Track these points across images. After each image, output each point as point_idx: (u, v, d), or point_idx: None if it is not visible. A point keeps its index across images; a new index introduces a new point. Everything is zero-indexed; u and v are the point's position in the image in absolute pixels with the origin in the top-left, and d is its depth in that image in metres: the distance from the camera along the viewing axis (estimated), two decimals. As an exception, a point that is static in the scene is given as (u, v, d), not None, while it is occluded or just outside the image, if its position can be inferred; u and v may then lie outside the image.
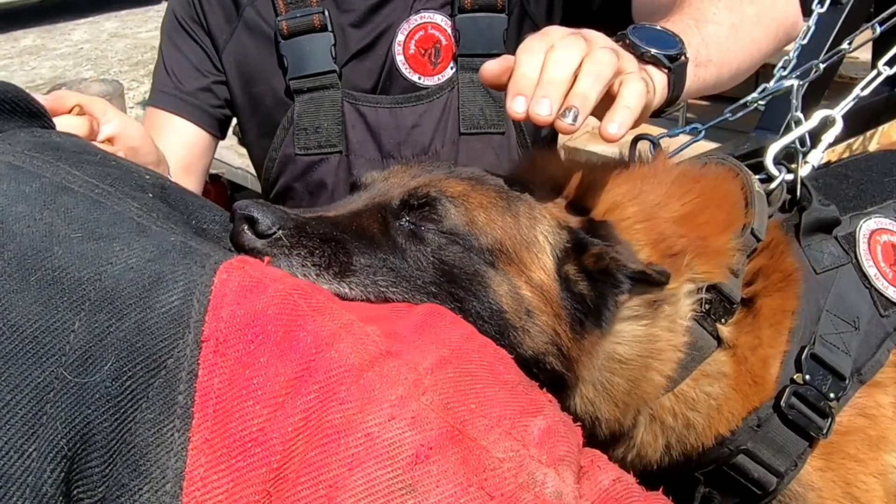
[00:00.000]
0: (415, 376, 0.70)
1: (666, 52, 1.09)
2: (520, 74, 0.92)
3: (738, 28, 1.26)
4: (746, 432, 1.13)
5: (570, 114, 0.90)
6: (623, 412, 1.07)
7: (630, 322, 1.03)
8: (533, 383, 0.82)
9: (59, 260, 0.72)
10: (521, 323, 0.96)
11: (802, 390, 1.12)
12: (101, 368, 0.68)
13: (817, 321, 1.17)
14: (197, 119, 1.72)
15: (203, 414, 0.68)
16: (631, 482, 0.75)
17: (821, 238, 1.24)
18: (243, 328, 0.71)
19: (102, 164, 0.87)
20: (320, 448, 0.66)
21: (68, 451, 0.66)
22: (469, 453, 0.67)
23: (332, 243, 0.93)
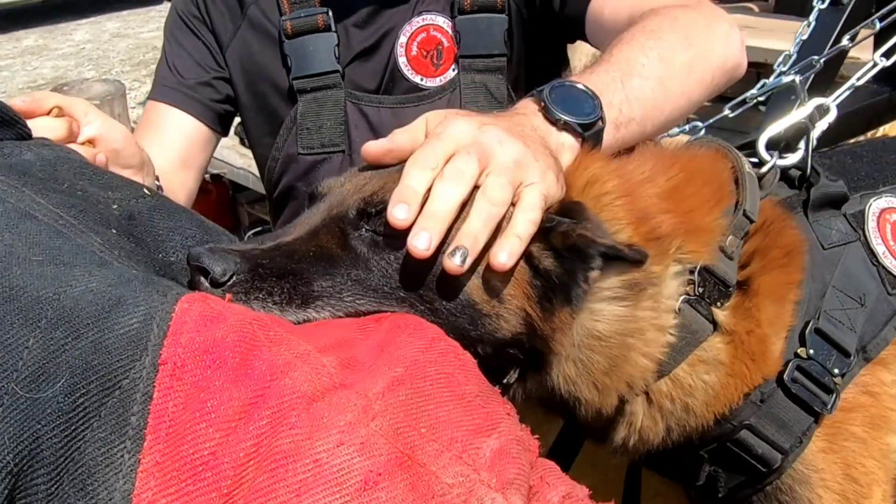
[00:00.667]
0: (364, 402, 0.71)
1: (581, 121, 1.08)
2: (405, 185, 0.92)
3: (665, 81, 1.25)
4: (749, 407, 1.13)
5: (458, 254, 0.89)
6: (603, 394, 1.06)
7: (610, 302, 1.03)
8: (493, 392, 0.82)
9: (18, 279, 0.72)
10: (493, 310, 0.96)
11: (806, 365, 1.12)
12: (55, 385, 0.68)
13: (822, 296, 1.17)
14: (196, 112, 1.74)
15: (155, 436, 0.68)
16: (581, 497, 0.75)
17: (829, 214, 1.25)
18: (201, 354, 0.71)
19: (69, 194, 0.88)
20: (269, 473, 0.67)
21: (14, 467, 0.66)
22: (418, 479, 0.67)
23: (289, 277, 0.93)
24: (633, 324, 1.04)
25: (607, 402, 1.09)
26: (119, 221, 0.90)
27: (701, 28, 1.35)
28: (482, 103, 1.68)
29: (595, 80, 1.16)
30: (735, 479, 1.17)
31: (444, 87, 1.71)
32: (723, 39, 1.38)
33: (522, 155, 0.96)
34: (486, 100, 1.69)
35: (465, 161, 0.93)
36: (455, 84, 1.70)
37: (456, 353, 0.84)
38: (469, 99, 1.68)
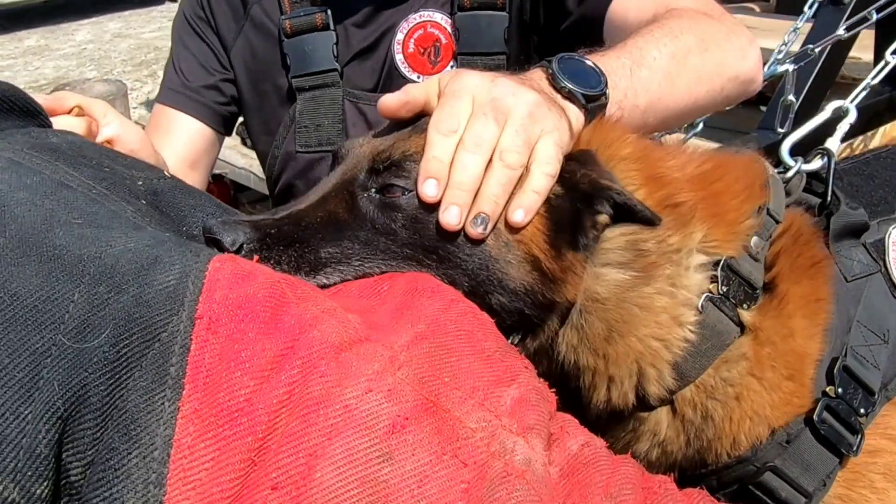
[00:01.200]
0: (390, 353, 0.75)
1: (585, 91, 1.10)
2: (431, 157, 0.96)
3: (673, 78, 1.27)
4: (774, 448, 1.09)
5: (479, 221, 0.94)
6: (605, 363, 1.05)
7: (613, 266, 1.02)
8: (511, 349, 0.86)
9: (61, 239, 0.77)
10: (501, 254, 0.98)
11: (834, 404, 1.09)
12: (99, 335, 0.72)
13: (848, 331, 1.15)
14: (202, 116, 1.78)
15: (193, 385, 0.73)
16: (599, 446, 0.79)
17: (850, 244, 1.23)
18: (235, 309, 0.76)
19: (98, 169, 0.93)
20: (301, 418, 0.71)
21: (63, 412, 0.71)
22: (443, 424, 0.72)
23: (296, 245, 0.97)
24: (636, 295, 1.03)
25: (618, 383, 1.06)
26: (146, 195, 0.95)
27: (720, 37, 1.38)
28: None
29: (605, 61, 1.18)
30: None
31: None
32: (739, 52, 1.40)
33: (536, 104, 1.00)
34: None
35: (483, 125, 0.96)
36: None
37: (474, 313, 0.88)
38: None
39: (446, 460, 0.69)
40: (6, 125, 0.95)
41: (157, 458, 0.71)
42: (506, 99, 0.99)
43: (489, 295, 0.99)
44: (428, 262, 0.98)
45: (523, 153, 0.97)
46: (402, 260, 0.98)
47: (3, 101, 0.96)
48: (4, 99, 0.96)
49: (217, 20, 1.81)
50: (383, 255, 0.98)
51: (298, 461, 0.70)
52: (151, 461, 0.71)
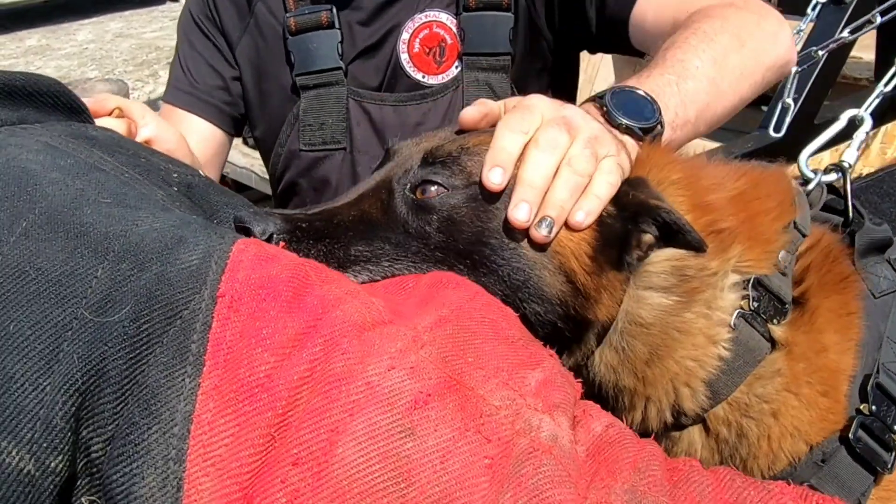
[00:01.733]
0: (413, 333, 0.75)
1: (641, 125, 1.11)
2: (499, 147, 0.97)
3: (718, 82, 1.28)
4: (810, 468, 1.09)
5: (544, 224, 0.95)
6: (644, 385, 1.05)
7: (656, 290, 1.03)
8: (534, 339, 0.85)
9: (88, 217, 0.77)
10: (538, 259, 0.97)
11: (868, 422, 1.09)
12: (121, 311, 0.73)
13: (879, 348, 1.14)
14: (212, 117, 1.79)
15: (214, 362, 0.73)
16: (623, 427, 0.79)
17: (875, 261, 1.22)
18: (257, 288, 0.76)
19: (133, 157, 0.95)
20: (323, 395, 0.71)
21: (82, 385, 0.71)
22: (466, 401, 0.71)
23: (325, 240, 0.97)
24: (678, 319, 1.03)
25: (656, 402, 1.07)
26: (180, 186, 0.96)
27: (752, 28, 1.38)
28: None
29: (651, 83, 1.19)
30: None
31: (446, 84, 1.72)
32: (772, 38, 1.41)
33: (601, 131, 1.02)
34: (490, 98, 1.70)
35: (557, 131, 0.98)
36: (458, 82, 1.71)
37: (499, 305, 0.87)
38: (471, 98, 1.68)
39: (469, 436, 0.69)
40: (49, 119, 0.97)
41: (177, 433, 0.71)
42: (575, 119, 1.01)
43: (524, 303, 0.98)
44: (460, 267, 0.97)
45: (591, 163, 0.98)
46: (432, 263, 0.97)
47: (49, 96, 0.98)
48: (50, 94, 0.98)
49: (223, 19, 1.81)
50: (413, 258, 0.98)
51: (320, 437, 0.69)
52: (171, 437, 0.71)
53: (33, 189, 0.80)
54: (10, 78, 0.96)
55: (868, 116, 1.41)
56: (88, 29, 9.04)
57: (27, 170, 0.82)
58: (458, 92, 1.72)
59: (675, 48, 1.30)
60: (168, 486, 0.70)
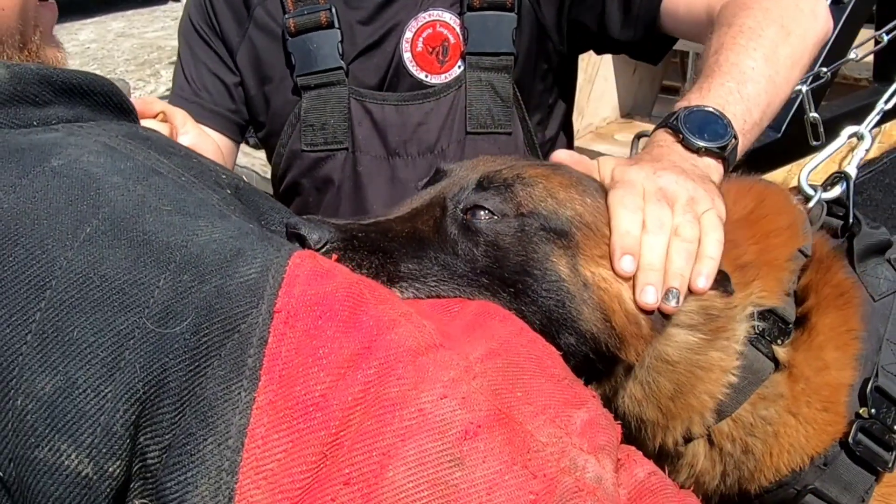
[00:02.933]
0: (466, 363, 0.78)
1: (719, 145, 1.18)
2: (623, 231, 1.04)
3: (774, 78, 1.33)
4: (814, 471, 1.15)
5: (672, 297, 1.03)
6: (667, 419, 1.11)
7: (684, 329, 1.07)
8: (578, 379, 0.89)
9: (150, 225, 0.79)
10: (579, 293, 1.02)
11: (868, 424, 1.14)
12: (182, 322, 0.75)
13: (878, 351, 1.19)
14: (218, 125, 1.81)
15: (269, 377, 0.75)
16: (664, 477, 0.82)
17: (875, 262, 1.27)
18: (313, 305, 0.78)
19: (186, 158, 0.96)
20: (376, 419, 0.73)
21: (143, 395, 0.73)
22: (514, 435, 0.73)
23: (378, 254, 1.00)
24: (702, 357, 1.09)
25: (672, 431, 1.12)
26: (230, 187, 0.98)
27: (793, 11, 1.42)
28: (487, 101, 1.73)
29: (714, 96, 1.24)
30: None
31: (449, 84, 1.75)
32: (811, 16, 1.45)
33: (695, 190, 1.09)
34: (492, 98, 1.73)
35: (660, 209, 1.05)
36: (461, 81, 1.74)
37: (543, 343, 0.90)
38: (474, 97, 1.73)
39: (516, 470, 0.71)
40: (101, 117, 0.98)
41: (231, 445, 0.73)
42: (669, 187, 1.08)
43: (560, 334, 1.02)
44: (504, 295, 1.01)
45: (695, 227, 1.05)
46: (477, 288, 1.01)
47: (100, 94, 0.99)
48: (103, 93, 1.00)
49: (222, 25, 1.83)
50: (460, 280, 1.01)
51: (371, 459, 0.72)
52: (226, 449, 0.73)
53: (96, 193, 0.82)
54: (69, 76, 0.98)
55: (868, 133, 1.45)
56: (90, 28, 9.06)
57: (89, 172, 0.84)
58: (461, 91, 1.74)
59: (726, 51, 1.33)
60: (220, 495, 0.73)
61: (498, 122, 1.76)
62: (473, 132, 1.75)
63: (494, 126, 1.76)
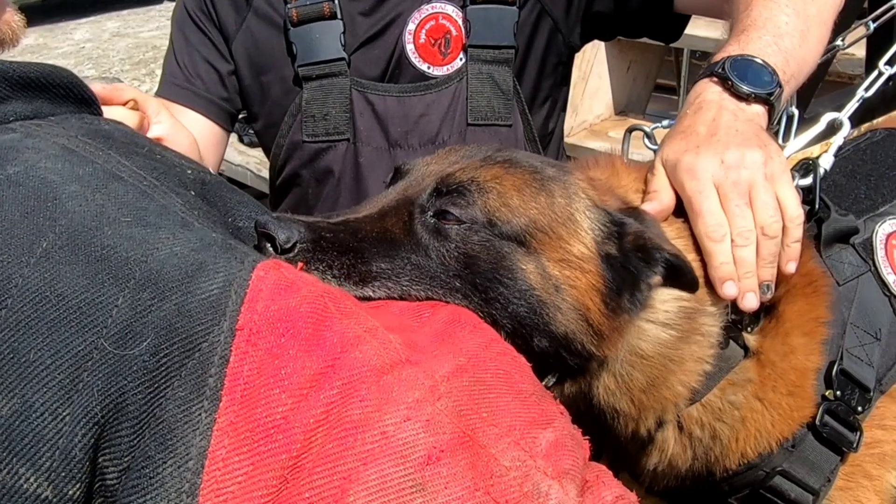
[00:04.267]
0: (431, 382, 0.78)
1: (767, 91, 1.22)
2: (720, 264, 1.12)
3: (806, 34, 1.36)
4: (782, 454, 1.19)
5: (766, 290, 1.14)
6: (639, 410, 1.14)
7: (659, 326, 1.10)
8: (547, 393, 0.89)
9: (109, 239, 0.78)
10: (550, 299, 1.03)
11: (834, 406, 1.19)
12: (140, 343, 0.74)
13: (843, 334, 1.24)
14: (209, 112, 1.81)
15: (231, 398, 0.75)
16: (633, 500, 0.83)
17: (839, 248, 1.31)
18: (276, 322, 0.78)
19: (149, 157, 0.94)
20: (338, 441, 0.73)
21: (101, 418, 0.73)
22: (478, 459, 0.73)
23: (350, 254, 1.00)
24: (676, 352, 1.12)
25: (644, 421, 1.15)
26: (195, 184, 0.96)
27: None
28: (488, 94, 1.74)
29: (752, 47, 1.28)
30: None
31: (450, 76, 1.76)
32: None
33: (763, 162, 1.15)
34: (493, 91, 1.75)
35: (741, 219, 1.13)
36: (462, 73, 1.75)
37: (513, 355, 0.89)
38: (475, 89, 1.74)
39: (478, 496, 0.71)
40: (61, 111, 0.96)
41: (191, 468, 0.73)
42: (743, 176, 1.14)
43: (532, 338, 1.03)
44: (474, 299, 1.01)
45: (777, 217, 1.13)
46: (448, 290, 1.01)
47: (60, 87, 0.97)
48: (62, 85, 0.97)
49: (219, 13, 1.83)
50: (431, 282, 1.01)
51: (332, 484, 0.72)
52: (186, 471, 0.73)
53: (53, 204, 0.80)
54: (27, 69, 0.95)
55: (847, 120, 1.46)
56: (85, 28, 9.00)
57: (46, 181, 0.82)
58: (462, 84, 1.75)
59: (758, 6, 1.36)
60: (180, 518, 0.73)
61: (498, 114, 1.77)
62: (474, 124, 1.77)
63: (495, 118, 1.78)
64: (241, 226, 0.99)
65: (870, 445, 1.24)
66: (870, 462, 1.25)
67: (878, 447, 1.25)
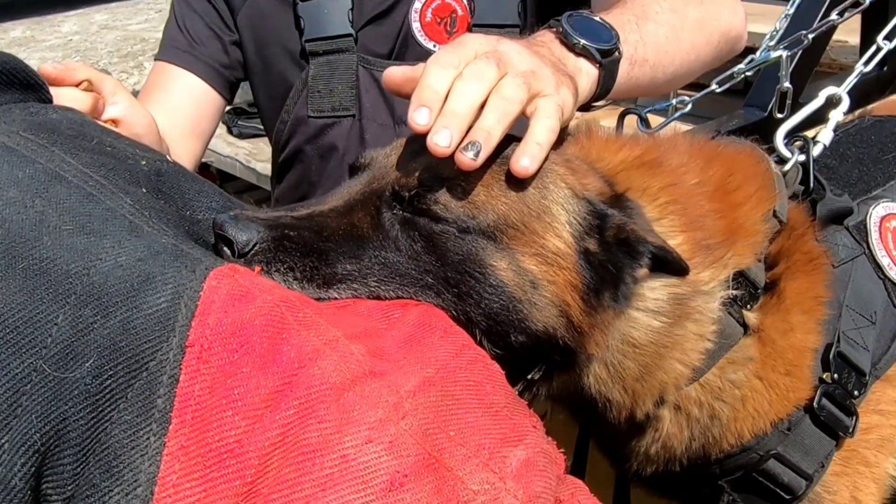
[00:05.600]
0: (395, 399, 0.73)
1: (599, 46, 1.13)
2: (425, 85, 0.95)
3: (678, 30, 1.32)
4: (777, 436, 1.17)
5: (472, 148, 0.92)
6: (633, 398, 1.11)
7: (649, 314, 1.06)
8: (520, 404, 0.85)
9: (48, 251, 0.74)
10: (526, 296, 0.98)
11: (831, 389, 1.17)
12: (83, 365, 0.71)
13: (839, 317, 1.21)
14: (209, 77, 1.79)
15: (181, 420, 0.71)
16: None
17: (834, 230, 1.29)
18: (229, 337, 0.74)
19: (98, 152, 0.89)
20: (295, 466, 0.70)
21: (41, 446, 0.69)
22: (444, 483, 0.70)
23: (313, 255, 0.95)
24: (669, 338, 1.08)
25: (640, 407, 1.12)
26: (148, 177, 0.91)
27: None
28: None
29: (611, 18, 1.21)
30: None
31: None
32: (730, 7, 1.48)
33: (538, 66, 1.01)
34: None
35: (484, 64, 0.96)
36: None
37: (485, 363, 0.86)
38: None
39: (444, 524, 0.68)
40: (5, 99, 0.92)
41: (140, 495, 0.70)
42: (510, 53, 0.99)
43: (509, 335, 0.99)
44: (447, 296, 0.97)
45: (522, 90, 0.96)
46: (420, 288, 0.97)
47: (5, 73, 0.92)
48: (6, 72, 0.92)
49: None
50: (401, 280, 0.97)
51: (289, 511, 0.69)
52: (134, 498, 0.70)
53: None
54: None
55: (846, 95, 1.43)
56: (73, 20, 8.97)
57: None
58: None
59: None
60: (130, 547, 0.69)
61: None
62: None
63: None
64: (200, 218, 0.94)
65: (866, 430, 1.23)
66: (867, 448, 1.24)
67: (875, 432, 1.24)
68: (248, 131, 4.28)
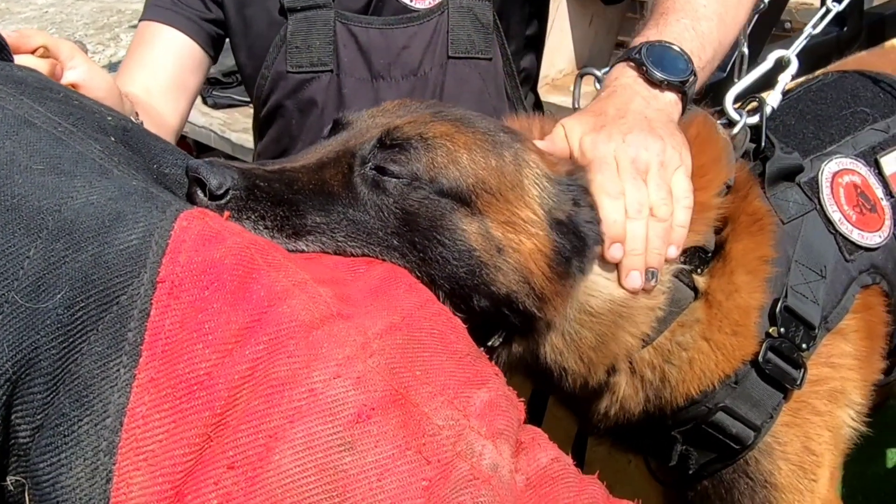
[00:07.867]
0: (363, 339, 0.77)
1: (680, 79, 1.25)
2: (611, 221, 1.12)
3: (724, 17, 1.38)
4: (725, 390, 1.22)
5: (651, 276, 1.13)
6: (588, 368, 1.16)
7: (612, 283, 1.13)
8: (482, 354, 0.89)
9: (20, 188, 0.76)
10: (492, 260, 1.03)
11: (777, 343, 1.22)
12: (54, 296, 0.73)
13: (787, 272, 1.26)
14: (192, 32, 1.82)
15: (151, 353, 0.74)
16: (568, 463, 0.83)
17: (785, 186, 1.33)
18: (199, 274, 0.76)
19: (65, 103, 0.92)
20: (264, 398, 0.73)
21: (12, 374, 0.72)
22: (410, 418, 0.73)
23: (284, 205, 0.98)
24: (625, 308, 1.13)
25: (593, 376, 1.17)
26: (115, 131, 0.94)
27: None
28: (468, 27, 1.79)
29: (670, 32, 1.30)
30: (706, 457, 1.27)
31: (432, 9, 1.78)
32: None
33: (663, 152, 1.17)
34: (473, 25, 1.79)
35: (636, 190, 1.14)
36: (443, 7, 1.77)
37: (448, 316, 0.90)
38: (456, 23, 1.78)
39: (409, 455, 0.72)
40: None
41: (109, 425, 0.72)
42: (641, 156, 1.16)
43: (471, 298, 1.03)
44: (412, 258, 1.01)
45: (669, 202, 1.15)
46: (385, 248, 1.01)
47: None
48: None
49: None
50: (368, 238, 1.00)
51: (257, 442, 0.71)
52: (103, 429, 0.72)
53: None
54: None
55: (794, 58, 1.46)
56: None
57: None
58: (444, 17, 1.78)
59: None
60: (97, 477, 0.72)
61: (478, 48, 1.82)
62: (455, 57, 1.81)
63: (475, 52, 1.82)
64: (166, 172, 0.97)
65: (816, 382, 1.27)
66: (817, 398, 1.28)
67: (825, 384, 1.28)
68: (222, 101, 4.26)
